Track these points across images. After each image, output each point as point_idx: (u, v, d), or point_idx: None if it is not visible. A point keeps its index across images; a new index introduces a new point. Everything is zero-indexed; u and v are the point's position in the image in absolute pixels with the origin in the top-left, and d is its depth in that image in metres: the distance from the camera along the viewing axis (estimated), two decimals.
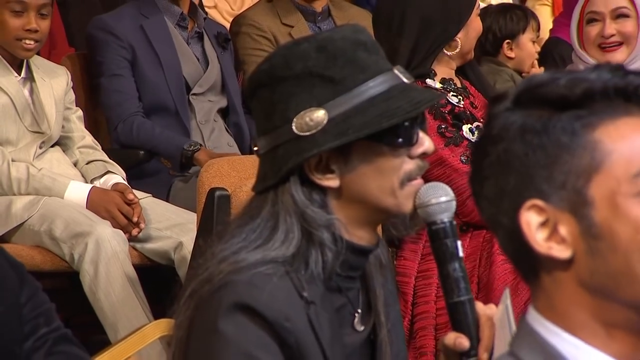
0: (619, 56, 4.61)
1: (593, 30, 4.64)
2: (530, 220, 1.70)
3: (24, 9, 4.48)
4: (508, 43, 5.84)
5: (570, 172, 1.70)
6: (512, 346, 1.79)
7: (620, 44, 4.61)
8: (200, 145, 4.82)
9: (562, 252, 1.69)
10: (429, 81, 4.38)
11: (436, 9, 4.40)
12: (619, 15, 4.61)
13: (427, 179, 3.55)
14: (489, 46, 5.84)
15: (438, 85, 4.41)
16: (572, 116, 1.70)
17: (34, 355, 2.40)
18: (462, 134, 4.27)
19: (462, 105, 4.37)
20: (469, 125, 4.30)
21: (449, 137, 4.25)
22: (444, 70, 4.43)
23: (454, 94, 4.39)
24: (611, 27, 4.60)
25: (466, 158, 4.23)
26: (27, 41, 4.49)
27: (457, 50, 4.39)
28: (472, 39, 4.46)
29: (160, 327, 2.99)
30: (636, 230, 1.67)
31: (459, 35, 4.38)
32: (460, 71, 4.51)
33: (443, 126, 4.27)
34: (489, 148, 1.75)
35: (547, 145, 1.71)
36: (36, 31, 4.49)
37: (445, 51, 4.40)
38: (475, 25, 4.47)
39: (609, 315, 1.71)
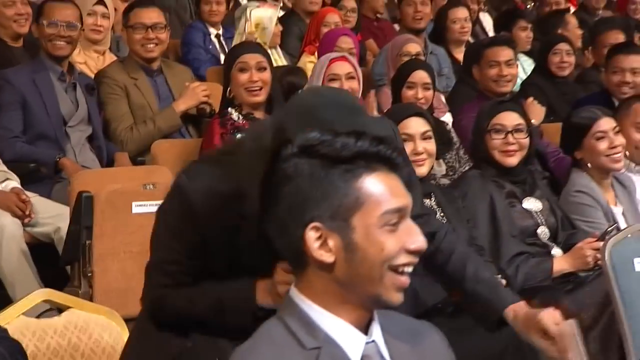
0: None
1: (334, 85, 4.80)
2: (311, 235, 1.79)
3: None
4: None
5: (341, 206, 1.78)
6: (279, 312, 1.87)
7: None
8: (64, 155, 4.84)
9: (328, 258, 1.79)
10: (229, 109, 4.56)
11: None
12: (349, 77, 4.89)
13: None
14: None
15: (234, 112, 4.54)
16: (344, 169, 1.79)
17: None
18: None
19: (241, 122, 4.47)
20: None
21: (225, 139, 4.38)
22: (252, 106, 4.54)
23: (239, 114, 4.52)
24: (346, 84, 4.84)
25: None
26: None
27: None
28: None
29: (41, 295, 2.76)
30: (380, 250, 1.78)
31: None
32: None
33: (226, 132, 4.42)
34: (284, 181, 1.81)
35: (327, 187, 1.78)
36: None
37: None
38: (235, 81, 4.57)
39: (348, 299, 1.82)
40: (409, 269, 1.82)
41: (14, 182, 4.61)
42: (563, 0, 9.13)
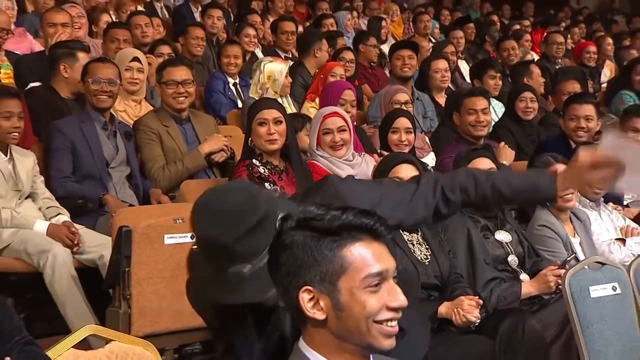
0: (341, 152, 4.83)
1: (328, 137, 4.83)
2: (304, 297, 1.81)
3: (10, 115, 4.54)
4: None
5: (328, 272, 1.79)
6: None
7: (342, 145, 4.81)
8: (107, 192, 4.86)
9: (320, 315, 1.81)
10: (254, 160, 4.49)
11: None
12: (341, 130, 4.83)
13: None
14: None
15: (257, 162, 4.47)
16: (331, 240, 1.80)
17: (11, 353, 2.40)
18: (265, 187, 4.33)
19: (266, 174, 4.43)
20: (269, 184, 4.37)
21: None
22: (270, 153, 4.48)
23: (264, 167, 4.46)
24: (338, 137, 4.80)
25: None
26: (14, 134, 4.57)
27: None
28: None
29: (88, 330, 2.72)
30: (363, 307, 1.78)
31: None
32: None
33: (253, 182, 4.30)
34: (283, 250, 1.82)
35: (316, 255, 1.79)
36: (18, 127, 4.58)
37: None
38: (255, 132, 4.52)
39: (344, 348, 1.82)
40: (394, 323, 1.82)
41: (65, 217, 4.63)
42: (517, 46, 9.10)
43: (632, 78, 7.61)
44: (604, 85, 9.04)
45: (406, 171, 3.99)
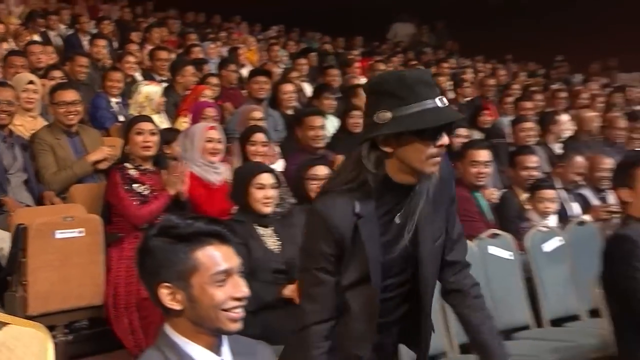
0: (218, 157, 4.71)
1: (210, 145, 4.68)
2: (164, 292, 1.78)
3: None
4: None
5: (183, 270, 1.77)
6: (156, 343, 1.83)
7: (219, 152, 4.71)
8: (6, 194, 4.67)
9: (178, 307, 1.78)
10: (125, 164, 4.37)
11: None
12: (219, 141, 4.73)
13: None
14: None
15: (131, 168, 4.35)
16: (185, 244, 1.77)
17: None
18: (133, 187, 4.30)
19: (136, 175, 4.35)
20: (138, 185, 4.31)
21: (125, 188, 4.27)
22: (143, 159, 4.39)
23: (135, 170, 4.37)
24: (218, 145, 4.70)
25: (132, 196, 4.24)
26: None
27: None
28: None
29: None
30: (211, 300, 1.77)
31: None
32: None
33: (124, 182, 4.29)
34: (147, 253, 1.80)
35: (173, 258, 1.77)
36: None
37: None
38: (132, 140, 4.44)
39: (200, 331, 1.80)
40: (239, 310, 1.82)
41: None
42: (339, 74, 9.18)
43: None
44: None
45: (267, 178, 3.91)
